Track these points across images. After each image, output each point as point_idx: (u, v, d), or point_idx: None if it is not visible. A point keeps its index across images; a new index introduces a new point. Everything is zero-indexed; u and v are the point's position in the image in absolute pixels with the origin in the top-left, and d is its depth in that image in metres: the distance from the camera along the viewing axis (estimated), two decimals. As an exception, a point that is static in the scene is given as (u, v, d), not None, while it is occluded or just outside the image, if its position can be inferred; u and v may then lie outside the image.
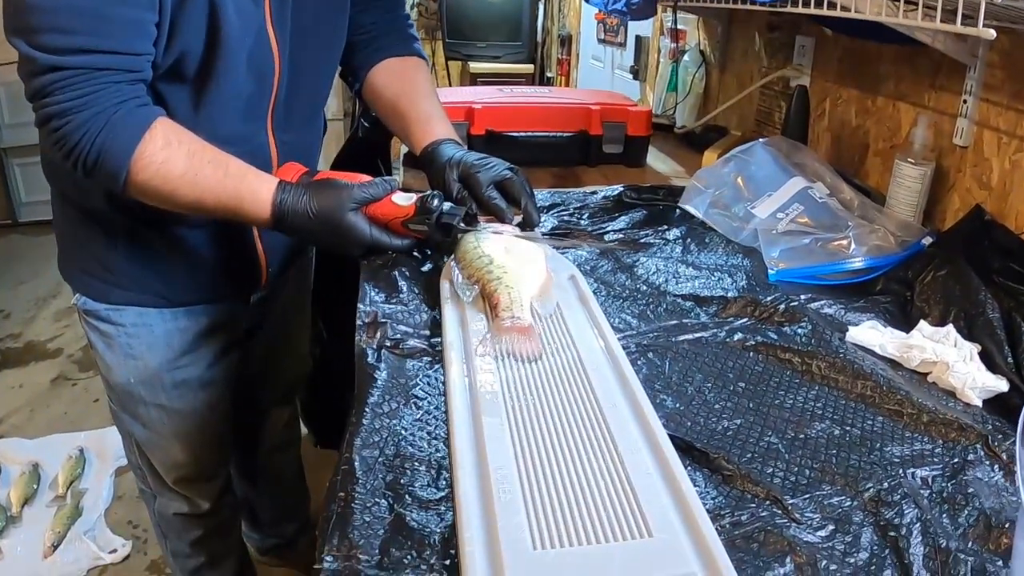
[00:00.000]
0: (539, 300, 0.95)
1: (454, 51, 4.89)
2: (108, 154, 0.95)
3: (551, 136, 1.78)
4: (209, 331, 1.33)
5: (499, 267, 0.96)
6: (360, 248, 1.08)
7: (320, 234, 1.06)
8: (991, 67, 1.22)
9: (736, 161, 1.37)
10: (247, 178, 1.03)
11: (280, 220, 1.04)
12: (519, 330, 0.87)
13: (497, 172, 1.14)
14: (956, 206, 1.31)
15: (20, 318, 3.35)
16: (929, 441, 0.78)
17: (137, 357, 1.28)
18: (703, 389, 0.86)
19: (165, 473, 1.42)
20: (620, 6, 2.11)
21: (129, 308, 1.24)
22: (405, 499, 0.67)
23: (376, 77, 1.34)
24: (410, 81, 1.32)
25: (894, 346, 0.95)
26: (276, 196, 1.03)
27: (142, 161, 0.96)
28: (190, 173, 0.99)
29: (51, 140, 0.96)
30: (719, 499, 0.69)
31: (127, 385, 1.31)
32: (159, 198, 1.01)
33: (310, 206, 1.04)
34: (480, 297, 0.95)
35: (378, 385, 0.83)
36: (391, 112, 1.32)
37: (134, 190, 0.99)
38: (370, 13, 1.32)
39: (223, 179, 1.01)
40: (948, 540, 0.65)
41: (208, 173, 1.00)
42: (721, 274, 1.15)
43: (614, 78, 3.40)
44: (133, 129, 0.96)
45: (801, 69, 1.78)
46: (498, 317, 0.90)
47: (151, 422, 1.35)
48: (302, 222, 1.04)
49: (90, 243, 1.20)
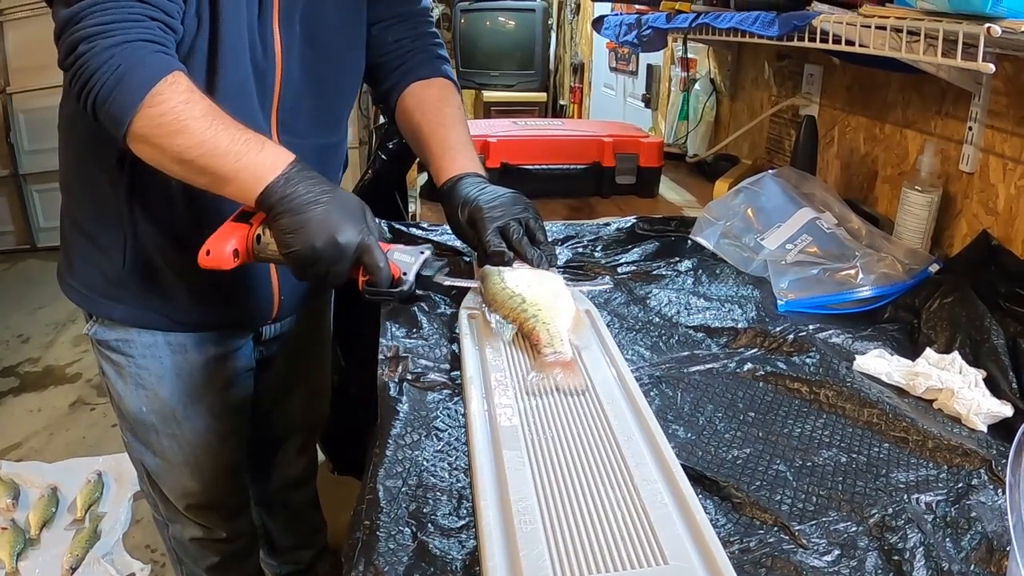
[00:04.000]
0: (574, 333, 0.97)
1: (467, 80, 4.94)
2: (128, 83, 0.91)
3: (565, 168, 1.82)
4: (219, 362, 1.33)
5: (532, 304, 0.96)
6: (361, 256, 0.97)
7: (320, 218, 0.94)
8: (996, 94, 1.25)
9: (746, 193, 1.39)
10: (266, 140, 0.98)
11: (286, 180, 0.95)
12: (563, 364, 0.89)
13: (504, 221, 1.09)
14: (963, 232, 1.33)
15: (39, 342, 3.41)
16: (934, 467, 0.80)
17: (148, 387, 1.28)
18: (714, 419, 0.89)
19: (176, 500, 1.43)
20: (631, 38, 2.14)
21: (137, 339, 1.24)
22: (428, 527, 0.70)
23: (404, 102, 1.30)
24: (434, 107, 1.28)
25: (900, 374, 0.97)
26: (296, 162, 0.97)
27: (160, 96, 0.92)
28: (208, 118, 0.94)
29: (72, 70, 0.92)
30: (729, 526, 0.72)
31: (139, 414, 1.31)
32: (163, 137, 0.93)
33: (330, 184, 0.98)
34: (518, 335, 0.96)
35: (400, 417, 0.86)
36: (415, 140, 1.29)
37: (142, 124, 0.92)
38: (394, 30, 1.30)
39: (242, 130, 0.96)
40: (951, 563, 0.67)
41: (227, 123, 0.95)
42: (732, 305, 1.17)
43: (626, 106, 3.44)
44: (158, 67, 0.93)
45: (810, 97, 1.81)
46: (540, 354, 0.92)
47: (163, 451, 1.35)
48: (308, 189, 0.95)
49: (97, 256, 1.19)
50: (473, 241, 1.12)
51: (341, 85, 1.26)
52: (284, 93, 1.14)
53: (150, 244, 1.16)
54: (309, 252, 0.94)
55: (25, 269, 4.22)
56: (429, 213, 1.70)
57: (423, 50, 1.33)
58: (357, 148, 4.95)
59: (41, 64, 3.74)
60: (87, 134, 1.13)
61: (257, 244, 1.00)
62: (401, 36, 1.31)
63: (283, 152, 0.97)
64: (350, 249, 0.95)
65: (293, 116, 1.17)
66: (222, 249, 0.99)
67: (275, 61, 1.11)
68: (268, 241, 0.99)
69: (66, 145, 1.20)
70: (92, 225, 1.19)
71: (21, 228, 4.47)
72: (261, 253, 1.01)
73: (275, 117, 1.15)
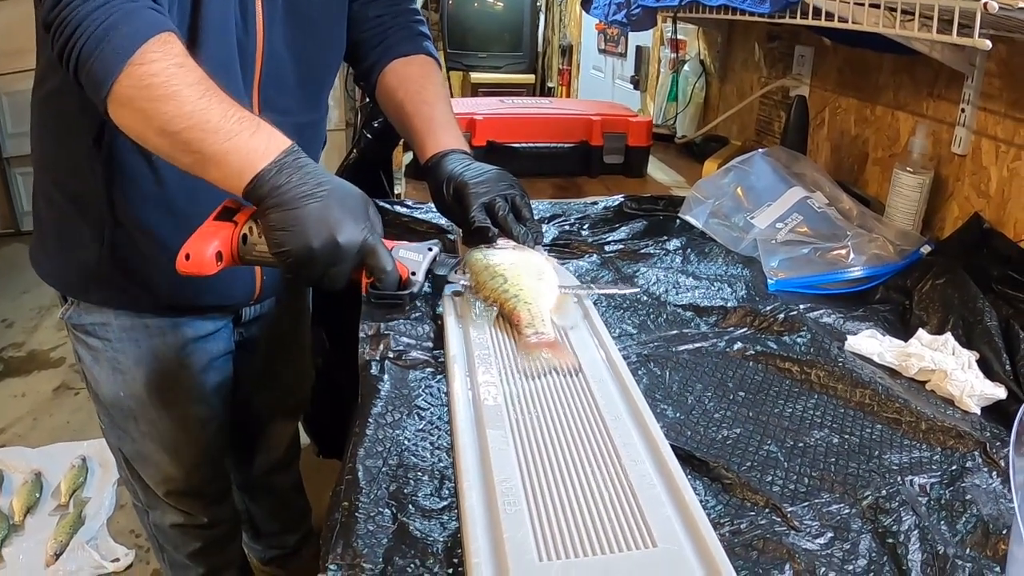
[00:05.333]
0: (558, 313, 0.95)
1: (455, 61, 4.92)
2: (116, 37, 0.83)
3: (552, 147, 1.80)
4: (198, 346, 1.29)
5: (514, 284, 0.94)
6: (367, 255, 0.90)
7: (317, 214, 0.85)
8: (989, 76, 1.23)
9: (736, 172, 1.38)
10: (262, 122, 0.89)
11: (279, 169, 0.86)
12: (547, 345, 0.87)
13: (490, 197, 1.06)
14: (955, 214, 1.32)
15: (23, 327, 3.37)
16: (927, 448, 0.79)
17: (125, 372, 1.25)
18: (703, 399, 0.87)
19: (156, 487, 1.40)
20: (620, 17, 2.12)
21: (114, 322, 1.20)
22: (408, 508, 0.68)
23: (385, 80, 1.27)
24: (416, 84, 1.25)
25: (892, 354, 0.96)
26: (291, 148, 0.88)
27: (151, 54, 0.83)
28: (201, 87, 0.85)
29: (56, 23, 0.84)
30: (719, 507, 0.70)
31: (116, 400, 1.28)
32: (150, 101, 0.84)
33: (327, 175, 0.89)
34: (499, 317, 0.95)
35: (381, 396, 0.84)
36: (398, 118, 1.26)
37: (128, 84, 0.83)
38: (375, 6, 1.27)
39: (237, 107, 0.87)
40: (946, 547, 0.66)
41: (221, 97, 0.86)
42: (721, 284, 1.16)
43: (615, 88, 3.42)
44: (151, 23, 0.85)
45: (800, 79, 1.79)
46: (522, 335, 0.90)
47: (141, 437, 1.32)
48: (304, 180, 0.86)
49: (73, 236, 1.15)
50: (458, 217, 1.09)
51: (324, 60, 1.22)
52: (266, 68, 1.10)
53: (130, 225, 1.11)
54: (304, 253, 0.85)
55: (9, 254, 4.16)
56: (414, 192, 1.67)
57: (404, 27, 1.29)
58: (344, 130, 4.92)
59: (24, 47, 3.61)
60: (63, 112, 1.08)
61: (243, 245, 0.92)
62: (382, 12, 1.28)
63: (278, 136, 0.88)
64: (352, 250, 0.87)
65: (276, 92, 1.12)
66: (203, 252, 0.90)
67: (256, 34, 1.07)
68: (256, 241, 0.91)
69: (40, 124, 1.15)
70: (68, 207, 1.14)
71: (5, 212, 4.41)
72: (248, 255, 0.92)
73: (257, 94, 1.11)
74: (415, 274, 0.95)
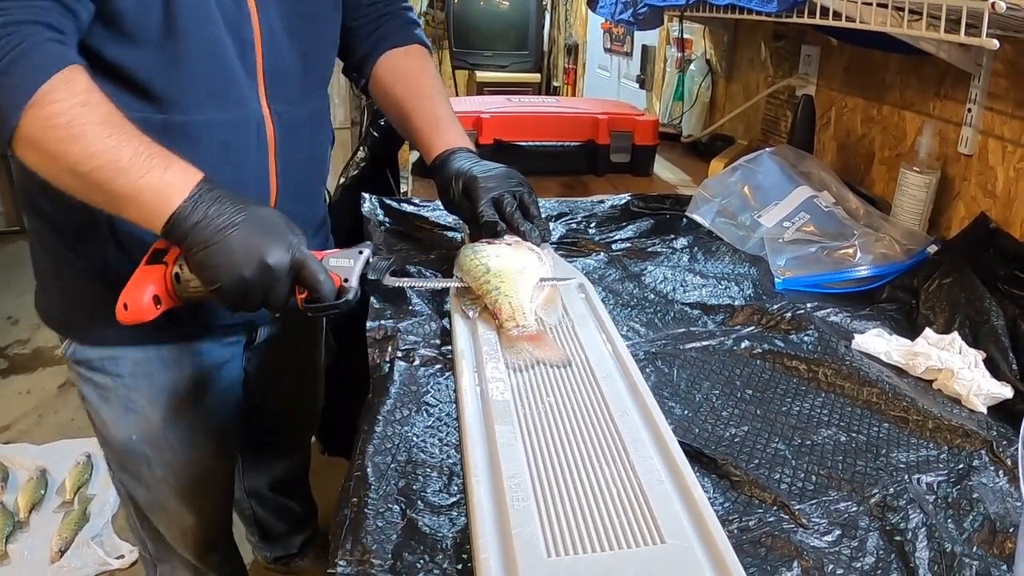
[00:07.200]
0: (543, 308, 0.95)
1: (461, 60, 4.91)
2: (15, 77, 0.79)
3: (559, 145, 1.80)
4: (213, 375, 1.21)
5: (496, 276, 0.95)
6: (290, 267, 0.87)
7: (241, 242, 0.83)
8: (995, 76, 1.23)
9: (742, 170, 1.38)
10: (174, 157, 0.85)
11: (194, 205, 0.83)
12: (528, 338, 0.88)
13: (498, 192, 1.06)
14: (961, 214, 1.32)
15: (28, 324, 3.36)
16: (934, 447, 0.79)
17: (138, 411, 1.16)
18: (711, 396, 0.87)
19: (172, 538, 1.32)
20: (627, 16, 2.12)
21: (126, 356, 1.12)
22: (417, 504, 0.68)
23: (380, 73, 1.23)
24: (414, 79, 1.22)
25: (899, 353, 0.96)
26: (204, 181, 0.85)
27: (53, 94, 0.80)
28: (108, 125, 0.82)
29: None
30: (727, 504, 0.70)
31: (128, 443, 1.18)
32: (55, 143, 0.81)
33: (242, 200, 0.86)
34: (485, 310, 0.96)
35: (390, 393, 0.84)
36: (398, 117, 1.24)
37: (31, 126, 0.80)
38: None
39: (148, 143, 0.84)
40: (953, 544, 0.66)
41: (130, 134, 0.83)
42: (728, 283, 1.16)
43: (620, 87, 3.41)
44: (52, 59, 0.81)
45: (807, 78, 1.79)
46: (503, 327, 0.91)
47: (156, 482, 1.23)
48: (220, 211, 0.83)
49: (76, 277, 1.08)
50: (467, 213, 1.09)
51: (324, 42, 1.16)
52: (267, 52, 1.03)
53: (137, 251, 0.99)
54: (238, 284, 0.84)
55: (14, 251, 4.16)
56: (421, 189, 1.67)
57: (396, 14, 1.26)
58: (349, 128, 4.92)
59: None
60: None
61: (178, 284, 0.89)
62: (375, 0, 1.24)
63: (191, 171, 0.85)
64: (284, 268, 0.85)
65: (281, 79, 1.06)
66: (140, 300, 0.87)
67: (250, 14, 1.00)
68: (189, 278, 0.88)
69: None
70: (68, 244, 1.07)
71: (8, 210, 4.41)
72: (184, 293, 0.90)
73: (262, 81, 1.04)
74: (348, 281, 0.92)
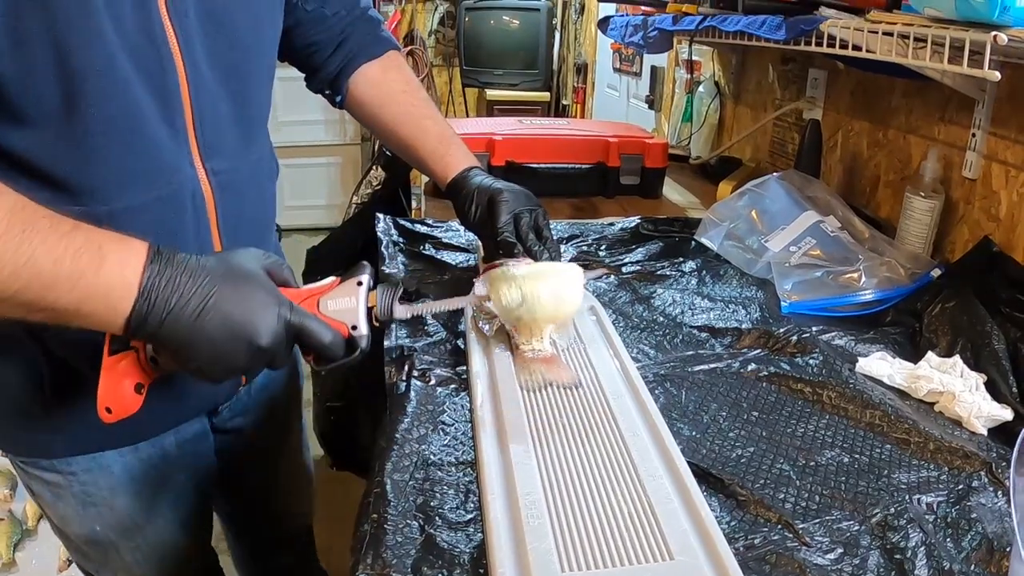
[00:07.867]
0: (557, 331, 0.98)
1: (471, 78, 4.95)
2: None
3: (570, 168, 1.83)
4: (178, 450, 1.06)
5: (528, 311, 0.94)
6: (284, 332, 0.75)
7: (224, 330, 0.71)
8: (999, 101, 1.26)
9: (750, 195, 1.40)
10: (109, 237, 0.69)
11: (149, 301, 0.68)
12: (543, 361, 0.90)
13: (519, 209, 1.07)
14: (965, 238, 1.34)
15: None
16: (935, 468, 0.81)
17: (99, 504, 1.01)
18: (718, 418, 0.90)
19: None
20: (637, 39, 2.16)
21: (79, 456, 0.97)
22: (435, 520, 0.71)
23: (360, 92, 1.16)
24: (404, 99, 1.17)
25: (902, 376, 0.98)
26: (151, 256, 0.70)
27: None
28: (16, 228, 0.63)
29: None
30: (733, 523, 0.73)
31: (92, 535, 1.04)
32: None
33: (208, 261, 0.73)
34: (501, 329, 0.98)
35: (407, 412, 0.87)
36: (396, 141, 1.19)
37: None
38: (332, 3, 1.12)
39: (66, 234, 0.66)
40: (952, 563, 0.68)
41: (42, 230, 0.65)
42: (735, 306, 1.18)
43: (629, 107, 3.44)
44: None
45: (814, 101, 1.82)
46: (519, 349, 0.93)
47: (126, 567, 1.10)
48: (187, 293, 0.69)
49: (11, 392, 0.91)
50: (486, 229, 1.09)
51: (260, 75, 0.98)
52: (196, 100, 0.86)
53: (68, 352, 0.87)
54: (228, 373, 0.74)
55: None
56: (435, 210, 1.70)
57: (360, 20, 1.16)
58: (359, 144, 4.96)
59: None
60: None
61: (156, 365, 0.77)
62: (338, 8, 1.13)
63: (130, 257, 0.69)
64: (279, 344, 0.74)
65: (216, 131, 0.90)
66: (121, 396, 0.76)
67: (174, 61, 0.83)
68: (170, 363, 0.76)
69: None
70: None
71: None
72: (167, 367, 0.77)
73: (194, 139, 0.87)
74: (356, 328, 0.80)
